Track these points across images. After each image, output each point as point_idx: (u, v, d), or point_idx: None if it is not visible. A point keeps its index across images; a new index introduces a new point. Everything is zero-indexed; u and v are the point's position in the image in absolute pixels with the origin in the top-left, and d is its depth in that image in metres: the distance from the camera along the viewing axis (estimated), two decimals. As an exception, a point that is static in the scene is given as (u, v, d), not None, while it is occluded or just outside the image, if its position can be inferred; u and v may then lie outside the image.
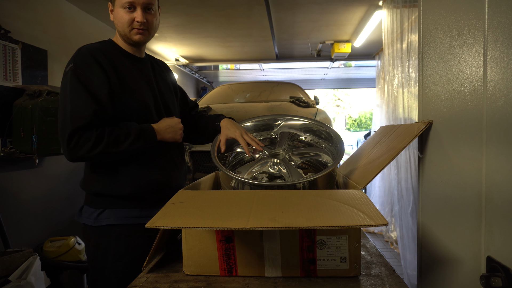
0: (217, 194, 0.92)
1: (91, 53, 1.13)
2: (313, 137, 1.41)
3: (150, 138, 1.14)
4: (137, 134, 1.10)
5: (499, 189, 0.65)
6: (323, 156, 1.29)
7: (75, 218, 1.21)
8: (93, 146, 1.03)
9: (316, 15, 3.77)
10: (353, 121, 22.86)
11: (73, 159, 1.06)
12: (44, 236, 2.58)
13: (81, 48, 1.15)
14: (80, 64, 1.10)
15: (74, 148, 1.03)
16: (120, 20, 1.17)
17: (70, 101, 1.05)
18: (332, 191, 0.90)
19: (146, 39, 1.22)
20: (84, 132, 1.03)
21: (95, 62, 1.11)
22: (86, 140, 1.03)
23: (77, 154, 1.04)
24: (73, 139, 1.02)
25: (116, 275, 1.11)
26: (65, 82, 1.10)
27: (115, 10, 1.18)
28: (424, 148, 0.99)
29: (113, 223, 1.13)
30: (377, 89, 4.45)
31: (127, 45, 1.24)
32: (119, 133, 1.08)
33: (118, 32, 1.22)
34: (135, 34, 1.19)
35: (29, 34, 2.56)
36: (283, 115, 1.44)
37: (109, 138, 1.06)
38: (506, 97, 0.63)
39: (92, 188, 1.16)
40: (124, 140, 1.08)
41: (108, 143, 1.05)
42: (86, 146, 1.03)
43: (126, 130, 1.10)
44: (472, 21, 0.74)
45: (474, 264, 0.72)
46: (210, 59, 6.04)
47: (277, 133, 1.43)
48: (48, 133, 2.36)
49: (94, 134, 1.04)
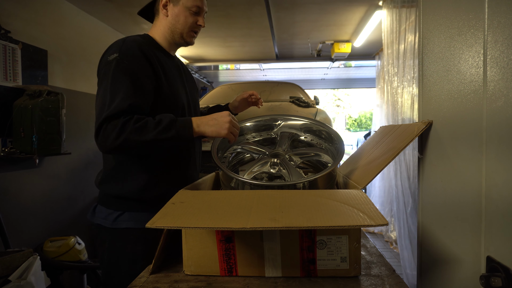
0: (217, 194, 0.92)
1: (138, 45, 1.09)
2: (313, 137, 1.41)
3: (184, 130, 1.02)
4: (169, 123, 1.00)
5: (499, 189, 0.65)
6: (323, 156, 1.29)
7: (87, 217, 1.18)
8: (118, 134, 0.96)
9: (316, 15, 3.77)
10: (353, 121, 22.86)
11: (104, 149, 1.00)
12: (44, 236, 2.58)
13: (126, 39, 1.11)
14: (126, 55, 1.05)
15: (103, 138, 0.97)
16: (183, 20, 1.18)
17: (111, 92, 1.00)
18: (332, 191, 0.90)
19: (194, 42, 1.26)
20: (111, 121, 0.97)
21: (142, 55, 1.08)
22: (112, 128, 0.96)
23: (105, 144, 0.97)
24: (101, 129, 0.97)
25: (131, 278, 1.09)
26: (107, 72, 1.03)
27: (177, 9, 1.17)
28: (424, 148, 0.99)
29: (133, 226, 1.09)
30: (377, 89, 4.45)
31: (167, 43, 1.23)
32: (148, 121, 0.99)
33: (170, 29, 1.20)
34: (192, 36, 1.22)
35: (29, 34, 2.56)
36: (283, 115, 1.44)
37: (135, 124, 0.97)
38: (506, 97, 0.63)
39: (110, 189, 1.13)
40: (153, 129, 0.98)
41: (133, 130, 0.96)
42: (112, 135, 0.96)
43: (158, 119, 1.01)
44: (472, 21, 0.74)
45: (474, 264, 0.72)
46: (210, 59, 6.04)
47: (277, 133, 1.43)
48: (48, 133, 2.36)
49: (120, 121, 0.97)
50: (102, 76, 1.05)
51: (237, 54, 5.64)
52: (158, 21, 1.22)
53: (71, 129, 2.88)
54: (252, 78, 8.09)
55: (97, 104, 1.02)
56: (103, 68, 1.06)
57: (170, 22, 1.19)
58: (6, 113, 2.29)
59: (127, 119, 0.98)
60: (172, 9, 1.18)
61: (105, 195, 1.15)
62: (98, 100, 1.03)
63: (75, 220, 3.06)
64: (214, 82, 8.29)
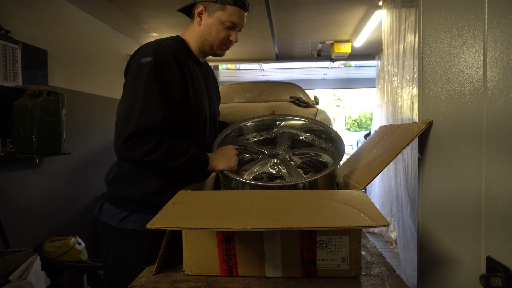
0: (217, 194, 0.92)
1: (172, 51, 1.07)
2: (313, 137, 1.41)
3: (202, 165, 1.10)
4: (193, 156, 1.07)
5: (499, 189, 0.65)
6: (324, 156, 1.29)
7: (94, 213, 1.18)
8: (148, 153, 0.98)
9: (316, 15, 3.77)
10: (353, 121, 22.86)
11: (124, 158, 1.01)
12: (44, 236, 2.58)
13: (161, 43, 1.08)
14: (160, 61, 1.03)
15: (129, 148, 0.97)
16: (215, 33, 1.15)
17: (142, 97, 0.99)
18: (332, 192, 0.90)
19: (224, 55, 1.23)
20: (144, 135, 0.98)
21: (175, 62, 1.06)
22: (143, 144, 0.98)
23: (129, 154, 0.98)
24: (132, 139, 0.97)
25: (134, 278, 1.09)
26: (139, 76, 1.02)
27: (211, 20, 1.14)
28: (424, 148, 0.99)
29: (140, 228, 1.09)
30: (377, 89, 4.45)
31: (197, 50, 1.20)
32: (177, 148, 1.04)
33: (201, 38, 1.18)
34: (222, 49, 1.19)
35: (29, 34, 2.56)
36: (283, 115, 1.44)
37: (166, 149, 1.01)
38: (506, 97, 0.63)
39: (122, 189, 1.12)
40: (180, 157, 1.04)
41: (163, 154, 1.00)
42: (141, 150, 0.98)
43: (184, 148, 1.06)
44: (472, 21, 0.74)
45: (474, 264, 0.72)
46: (210, 59, 6.04)
47: (277, 133, 1.43)
48: (48, 133, 2.36)
49: (153, 140, 0.99)
50: (133, 78, 1.03)
51: (237, 54, 5.63)
52: (193, 26, 1.19)
53: (71, 129, 2.88)
54: (252, 78, 8.08)
55: (125, 106, 1.01)
56: (135, 69, 1.04)
57: (202, 32, 1.16)
58: (6, 113, 2.29)
59: (159, 140, 1.00)
60: (206, 19, 1.15)
61: (114, 194, 1.14)
62: (126, 103, 1.01)
63: (75, 220, 3.06)
64: (214, 82, 8.26)
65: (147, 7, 3.30)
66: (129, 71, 1.07)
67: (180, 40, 1.18)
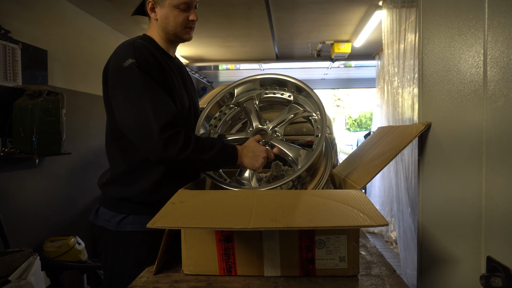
0: (217, 193, 0.92)
1: (148, 49, 1.07)
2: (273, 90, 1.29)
3: (231, 156, 1.07)
4: (221, 147, 1.04)
5: (499, 189, 0.65)
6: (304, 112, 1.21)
7: (90, 219, 1.17)
8: (182, 149, 0.97)
9: (316, 15, 3.77)
10: (353, 121, 22.86)
11: (162, 159, 0.98)
12: (44, 236, 2.58)
13: (133, 43, 1.08)
14: (142, 60, 1.03)
15: (164, 147, 0.96)
16: (173, 20, 1.14)
17: (149, 97, 0.98)
18: (331, 191, 0.90)
19: (192, 37, 1.21)
20: (171, 130, 0.97)
21: (155, 60, 1.06)
22: (175, 142, 0.97)
23: (165, 154, 0.96)
24: (163, 138, 0.95)
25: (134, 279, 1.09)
26: (131, 78, 1.01)
27: (164, 9, 1.13)
28: (424, 149, 0.99)
29: (138, 229, 1.08)
30: (377, 89, 4.45)
31: (166, 43, 1.20)
32: (204, 141, 1.03)
33: (163, 31, 1.17)
34: (187, 33, 1.18)
35: (29, 34, 2.56)
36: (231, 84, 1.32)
37: (196, 143, 1.00)
38: (506, 97, 0.63)
39: (115, 191, 1.12)
40: (210, 150, 1.02)
41: (194, 148, 0.99)
42: (175, 148, 0.96)
43: (210, 141, 1.05)
44: (472, 21, 0.74)
45: (474, 264, 0.72)
46: (210, 59, 6.04)
47: (235, 103, 1.32)
48: (48, 133, 2.36)
49: (182, 136, 0.98)
50: (125, 83, 1.02)
51: (237, 54, 5.63)
52: (152, 24, 1.19)
53: (71, 129, 2.87)
54: (252, 78, 8.06)
55: (136, 112, 0.99)
56: (120, 75, 1.02)
57: (161, 25, 1.16)
58: (6, 113, 2.29)
59: (187, 135, 0.99)
60: (160, 11, 1.14)
61: (109, 197, 1.14)
62: (132, 108, 0.99)
63: (75, 220, 3.06)
64: (214, 82, 8.29)
65: (147, 7, 3.30)
66: (112, 79, 1.05)
67: (148, 38, 1.18)
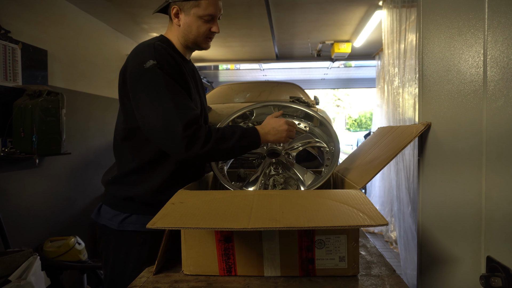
0: (217, 194, 0.92)
1: (168, 53, 1.07)
2: (292, 118, 1.41)
3: (254, 138, 1.09)
4: (242, 133, 1.06)
5: (499, 189, 0.65)
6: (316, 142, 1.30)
7: (92, 216, 1.17)
8: (204, 143, 0.98)
9: (316, 15, 3.77)
10: (353, 121, 22.87)
11: (187, 157, 0.99)
12: (44, 236, 2.58)
13: (154, 44, 1.08)
14: (164, 62, 1.04)
15: (188, 145, 0.97)
16: (196, 30, 1.14)
17: (171, 97, 0.99)
18: (331, 191, 0.90)
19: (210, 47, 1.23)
20: (193, 128, 0.98)
21: (175, 62, 1.07)
22: (197, 138, 0.98)
23: (190, 151, 0.98)
24: (187, 136, 0.97)
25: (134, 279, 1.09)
26: (153, 79, 1.01)
27: (189, 18, 1.13)
28: (423, 149, 0.99)
29: (140, 229, 1.08)
30: (377, 89, 4.45)
31: (182, 48, 1.20)
32: (224, 130, 1.04)
33: (183, 37, 1.17)
34: (206, 42, 1.19)
35: (29, 34, 2.56)
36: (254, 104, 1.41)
37: (217, 134, 1.01)
38: (506, 97, 0.63)
39: (120, 190, 1.11)
40: (231, 137, 1.03)
41: (216, 138, 1.00)
42: (198, 143, 0.98)
43: (230, 129, 1.06)
44: (472, 21, 0.74)
45: (474, 264, 0.72)
46: (210, 59, 6.04)
47: (254, 122, 1.42)
48: (48, 133, 2.36)
49: (203, 131, 0.99)
50: (147, 85, 1.01)
51: (237, 54, 5.63)
52: (173, 27, 1.18)
53: (71, 129, 2.87)
54: (252, 78, 8.08)
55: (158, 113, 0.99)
56: (142, 76, 1.02)
57: (183, 32, 1.16)
58: (6, 113, 2.29)
59: (207, 129, 1.01)
60: (184, 19, 1.14)
61: (112, 196, 1.14)
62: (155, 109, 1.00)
63: (75, 220, 3.06)
64: (214, 82, 8.29)
65: (147, 7, 3.30)
66: (132, 80, 1.05)
67: (166, 40, 1.18)
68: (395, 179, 3.16)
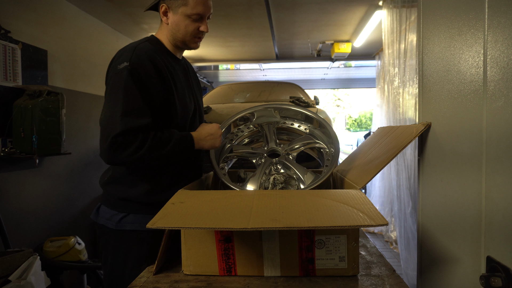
0: (217, 194, 0.92)
1: (149, 56, 1.07)
2: (292, 120, 1.43)
3: (188, 144, 1.11)
4: (177, 140, 1.07)
5: (499, 189, 0.65)
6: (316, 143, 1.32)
7: (91, 217, 1.17)
8: (136, 150, 0.99)
9: (316, 15, 3.77)
10: (353, 121, 22.86)
11: (113, 162, 1.01)
12: (44, 236, 2.58)
13: (136, 47, 1.09)
14: (137, 66, 1.04)
15: (117, 150, 0.98)
16: (184, 28, 1.14)
17: (123, 101, 1.00)
18: (331, 191, 0.90)
19: (199, 46, 1.23)
20: (129, 136, 0.99)
21: (152, 66, 1.06)
22: (130, 144, 0.99)
23: (117, 157, 0.99)
24: (117, 141, 0.97)
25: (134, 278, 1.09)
26: (118, 81, 1.03)
27: (177, 16, 1.13)
28: (423, 149, 0.99)
29: (138, 228, 1.09)
30: (377, 89, 4.45)
31: (172, 47, 1.20)
32: (162, 137, 1.05)
33: (172, 36, 1.18)
34: (195, 42, 1.19)
35: (29, 34, 2.56)
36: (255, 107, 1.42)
37: (152, 142, 1.02)
38: (506, 97, 0.63)
39: (117, 190, 1.12)
40: (166, 144, 1.05)
41: (150, 147, 1.01)
42: (128, 150, 0.98)
43: (167, 135, 1.07)
44: (472, 21, 0.74)
45: (474, 264, 0.72)
46: (210, 59, 6.04)
47: (255, 124, 1.43)
48: (48, 133, 2.36)
49: (139, 138, 1.00)
50: (112, 85, 1.04)
51: (237, 54, 5.64)
52: (162, 26, 1.19)
53: (71, 129, 2.87)
54: (252, 78, 8.09)
55: (106, 113, 1.01)
56: (113, 77, 1.04)
57: (171, 30, 1.16)
58: (6, 113, 2.29)
59: (145, 137, 1.01)
60: (172, 17, 1.14)
61: (110, 196, 1.14)
62: (107, 109, 1.02)
63: (75, 220, 3.06)
64: (214, 82, 8.29)
65: (147, 7, 3.30)
66: (107, 79, 1.08)
67: (155, 40, 1.19)
68: (395, 179, 3.16)
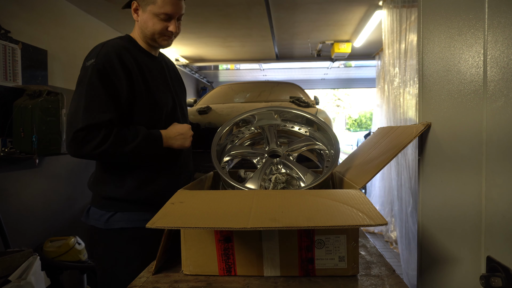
0: (216, 194, 0.92)
1: (116, 51, 1.09)
2: (292, 124, 1.43)
3: (155, 144, 1.11)
4: (143, 138, 1.07)
5: (499, 189, 0.65)
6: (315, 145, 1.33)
7: (82, 219, 1.20)
8: (98, 145, 1.00)
9: (316, 15, 3.77)
10: (353, 121, 22.86)
11: (76, 155, 1.03)
12: (44, 236, 2.58)
13: (105, 44, 1.11)
14: (103, 63, 1.06)
15: (79, 144, 1.00)
16: (151, 27, 1.15)
17: (86, 97, 1.02)
18: (331, 191, 0.90)
19: (170, 44, 1.23)
20: (92, 131, 1.00)
21: (119, 63, 1.08)
22: (92, 138, 1.00)
23: (79, 150, 1.01)
24: (79, 136, 0.99)
25: (127, 277, 1.09)
26: (83, 77, 1.06)
27: (145, 15, 1.15)
28: (423, 149, 0.99)
29: (125, 226, 1.10)
30: (377, 89, 4.45)
31: (145, 44, 1.21)
32: (126, 134, 1.05)
33: (142, 33, 1.19)
34: (164, 40, 1.19)
35: (29, 34, 2.56)
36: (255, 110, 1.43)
37: (116, 137, 1.03)
38: (506, 97, 0.63)
39: (102, 191, 1.14)
40: (131, 142, 1.05)
41: (113, 142, 1.02)
42: (90, 144, 1.00)
43: (134, 132, 1.07)
44: (472, 21, 0.74)
45: (474, 264, 0.72)
46: (210, 59, 6.04)
47: (256, 126, 1.44)
48: (48, 133, 2.36)
49: (102, 133, 1.01)
50: (78, 82, 1.07)
51: (237, 54, 5.64)
52: (135, 23, 1.21)
53: (71, 129, 2.87)
54: (252, 78, 8.09)
55: (72, 107, 1.04)
56: (81, 72, 1.08)
57: (140, 28, 1.18)
58: (6, 113, 2.29)
59: (108, 131, 1.02)
60: (142, 15, 1.16)
61: (98, 197, 1.17)
62: (73, 103, 1.05)
63: (75, 220, 3.05)
64: (214, 82, 8.29)
65: (147, 7, 3.30)
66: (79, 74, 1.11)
67: (128, 38, 1.20)
68: (395, 179, 3.16)
